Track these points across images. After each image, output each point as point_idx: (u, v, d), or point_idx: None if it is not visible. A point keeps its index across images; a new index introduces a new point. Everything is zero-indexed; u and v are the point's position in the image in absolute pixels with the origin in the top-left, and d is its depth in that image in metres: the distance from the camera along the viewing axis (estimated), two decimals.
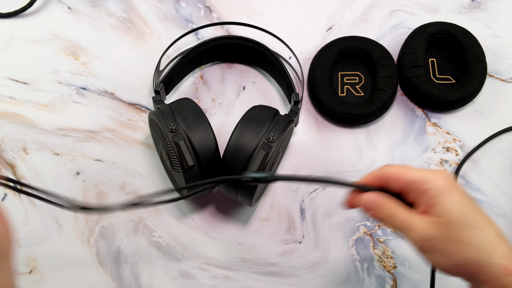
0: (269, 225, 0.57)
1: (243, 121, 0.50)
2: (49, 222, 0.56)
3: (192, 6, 0.67)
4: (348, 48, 0.62)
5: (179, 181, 0.52)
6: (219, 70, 0.64)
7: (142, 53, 0.64)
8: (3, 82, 0.62)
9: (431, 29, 0.62)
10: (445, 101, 0.59)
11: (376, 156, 0.60)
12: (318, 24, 0.66)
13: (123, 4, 0.67)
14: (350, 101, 0.61)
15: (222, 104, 0.62)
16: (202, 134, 0.49)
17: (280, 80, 0.61)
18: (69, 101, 0.61)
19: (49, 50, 0.64)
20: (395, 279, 0.55)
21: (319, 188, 0.58)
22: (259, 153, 0.48)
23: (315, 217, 0.57)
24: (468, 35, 0.62)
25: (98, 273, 0.54)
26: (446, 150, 0.60)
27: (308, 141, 0.60)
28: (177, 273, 0.55)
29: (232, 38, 0.61)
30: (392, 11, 0.67)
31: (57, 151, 0.59)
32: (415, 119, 0.61)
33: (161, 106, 0.52)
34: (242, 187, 0.49)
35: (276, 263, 0.55)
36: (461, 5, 0.67)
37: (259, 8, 0.67)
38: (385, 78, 0.60)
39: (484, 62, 0.61)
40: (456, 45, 0.62)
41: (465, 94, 0.59)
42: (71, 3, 0.66)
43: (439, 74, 0.63)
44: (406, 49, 0.62)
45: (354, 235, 0.56)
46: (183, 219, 0.57)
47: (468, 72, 0.60)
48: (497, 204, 0.57)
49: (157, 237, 0.56)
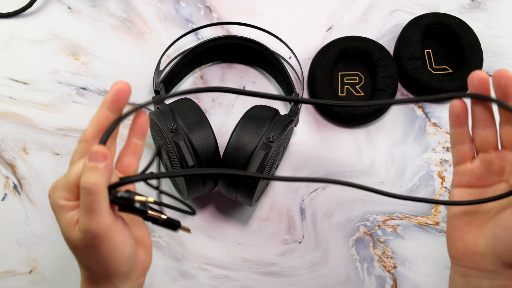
0: (269, 225, 0.57)
1: (243, 121, 0.50)
2: (49, 222, 0.56)
3: (192, 6, 0.67)
4: (348, 48, 0.62)
5: (179, 181, 0.52)
6: (219, 70, 0.64)
7: (142, 53, 0.64)
8: (3, 82, 0.62)
9: (425, 20, 0.63)
10: (444, 91, 0.60)
11: (376, 156, 0.60)
12: (318, 24, 0.66)
13: (123, 4, 0.67)
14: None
15: (222, 104, 0.62)
16: (202, 134, 0.49)
17: (280, 80, 0.61)
18: (69, 101, 0.61)
19: (49, 50, 0.64)
20: (395, 279, 0.55)
21: (319, 188, 0.58)
22: (259, 153, 0.48)
23: (315, 217, 0.57)
24: (462, 24, 0.62)
25: None
26: (446, 150, 0.60)
27: (308, 141, 0.60)
28: (177, 273, 0.55)
29: (232, 38, 0.61)
30: (392, 11, 0.67)
31: (57, 151, 0.59)
32: (415, 119, 0.61)
33: (161, 106, 0.52)
34: (242, 187, 0.49)
35: (276, 263, 0.55)
36: (461, 5, 0.67)
37: (259, 8, 0.67)
38: (385, 78, 0.60)
39: (480, 50, 0.61)
40: (451, 35, 0.62)
41: (464, 83, 0.60)
42: (71, 3, 0.66)
43: (436, 65, 0.63)
44: (402, 42, 0.62)
45: (354, 235, 0.56)
46: (183, 219, 0.57)
47: (465, 61, 0.61)
48: None
49: (157, 237, 0.56)
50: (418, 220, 0.57)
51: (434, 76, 0.60)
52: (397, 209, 0.57)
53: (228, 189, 0.51)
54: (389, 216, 0.57)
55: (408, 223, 0.57)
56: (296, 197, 0.58)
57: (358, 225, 0.57)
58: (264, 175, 0.35)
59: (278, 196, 0.58)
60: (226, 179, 0.50)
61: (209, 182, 0.51)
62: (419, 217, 0.57)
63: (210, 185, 0.52)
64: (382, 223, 0.57)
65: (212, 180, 0.51)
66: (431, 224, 0.57)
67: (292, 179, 0.36)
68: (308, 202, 0.58)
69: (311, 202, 0.58)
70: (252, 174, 0.45)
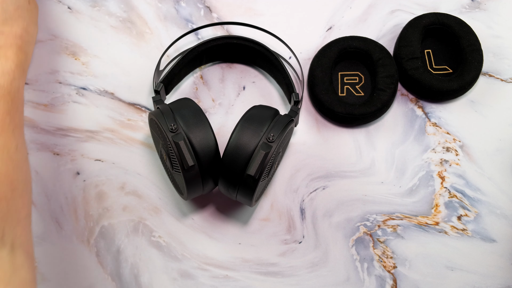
0: (269, 225, 0.57)
1: (243, 121, 0.50)
2: (49, 222, 0.56)
3: (192, 6, 0.67)
4: (348, 48, 0.62)
5: (179, 181, 0.52)
6: (219, 70, 0.64)
7: (142, 53, 0.64)
8: None
9: (425, 20, 0.63)
10: (444, 91, 0.60)
11: (376, 156, 0.60)
12: (318, 24, 0.66)
13: (123, 4, 0.67)
14: (350, 101, 0.61)
15: (222, 104, 0.62)
16: (202, 134, 0.49)
17: (280, 80, 0.61)
18: (69, 101, 0.61)
19: (49, 50, 0.64)
20: (395, 279, 0.55)
21: (319, 188, 0.58)
22: (259, 153, 0.48)
23: (315, 217, 0.57)
24: (462, 24, 0.62)
25: (98, 273, 0.54)
26: (446, 150, 0.60)
27: (308, 141, 0.60)
28: (177, 273, 0.55)
29: (232, 38, 0.61)
30: (392, 11, 0.67)
31: (57, 151, 0.59)
32: (415, 119, 0.61)
33: (161, 106, 0.52)
34: (242, 187, 0.49)
35: (276, 263, 0.55)
36: (461, 5, 0.67)
37: (259, 8, 0.67)
38: (385, 78, 0.60)
39: (480, 50, 0.61)
40: (451, 35, 0.62)
41: (464, 83, 0.60)
42: (71, 3, 0.66)
43: (436, 65, 0.63)
44: (402, 42, 0.62)
45: (354, 235, 0.56)
46: (183, 219, 0.57)
47: (465, 61, 0.61)
48: (497, 204, 0.57)
49: (157, 237, 0.56)
50: (418, 220, 0.57)
51: (434, 76, 0.60)
52: (397, 209, 0.57)
53: (228, 189, 0.51)
54: (389, 216, 0.57)
55: (408, 223, 0.57)
56: (296, 197, 0.58)
57: (358, 225, 0.57)
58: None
59: (278, 196, 0.58)
60: (226, 179, 0.50)
61: (209, 182, 0.51)
62: (419, 217, 0.57)
63: (210, 185, 0.52)
64: (382, 223, 0.57)
65: (212, 180, 0.51)
66: (431, 224, 0.57)
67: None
68: (308, 202, 0.58)
69: (311, 202, 0.58)
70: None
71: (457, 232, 0.56)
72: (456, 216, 0.57)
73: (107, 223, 0.56)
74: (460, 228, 0.57)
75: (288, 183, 0.58)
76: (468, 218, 0.57)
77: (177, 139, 0.48)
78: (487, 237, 0.56)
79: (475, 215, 0.57)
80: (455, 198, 0.58)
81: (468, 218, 0.57)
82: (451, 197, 0.58)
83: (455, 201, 0.58)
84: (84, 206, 0.56)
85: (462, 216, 0.57)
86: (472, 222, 0.57)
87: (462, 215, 0.57)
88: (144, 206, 0.57)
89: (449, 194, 0.58)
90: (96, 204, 0.57)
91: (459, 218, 0.57)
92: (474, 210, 0.57)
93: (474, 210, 0.57)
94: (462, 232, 0.56)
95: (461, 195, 0.58)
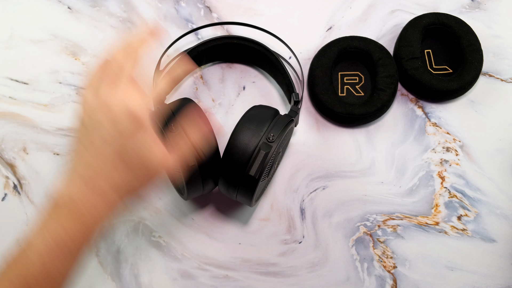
0: (269, 225, 0.57)
1: (243, 121, 0.50)
2: None
3: (192, 6, 0.67)
4: (348, 48, 0.62)
5: (179, 181, 0.52)
6: (219, 70, 0.64)
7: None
8: (3, 82, 0.62)
9: (425, 20, 0.63)
10: (444, 91, 0.60)
11: (376, 156, 0.60)
12: (318, 24, 0.66)
13: (123, 4, 0.67)
14: (350, 101, 0.61)
15: (222, 104, 0.62)
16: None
17: (280, 80, 0.61)
18: (69, 101, 0.61)
19: (49, 50, 0.64)
20: (395, 279, 0.55)
21: (319, 188, 0.58)
22: (259, 153, 0.48)
23: (315, 217, 0.57)
24: (462, 24, 0.62)
25: (98, 273, 0.54)
26: (446, 150, 0.60)
27: (308, 141, 0.60)
28: (177, 273, 0.55)
29: (232, 38, 0.61)
30: (392, 11, 0.67)
31: (57, 151, 0.59)
32: (415, 119, 0.61)
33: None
34: (242, 187, 0.49)
35: (276, 263, 0.55)
36: (461, 5, 0.67)
37: (259, 8, 0.67)
38: (385, 78, 0.60)
39: (480, 50, 0.61)
40: (451, 35, 0.62)
41: (464, 83, 0.60)
42: (71, 3, 0.66)
43: (435, 65, 0.63)
44: (402, 42, 0.62)
45: (354, 235, 0.56)
46: (183, 219, 0.57)
47: (465, 61, 0.61)
48: (497, 204, 0.57)
49: (157, 237, 0.56)
50: (418, 220, 0.57)
51: (434, 76, 0.60)
52: (397, 209, 0.57)
53: (228, 189, 0.51)
54: (389, 216, 0.57)
55: (408, 223, 0.57)
56: (296, 197, 0.58)
57: (358, 225, 0.57)
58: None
59: (278, 196, 0.58)
60: (226, 179, 0.50)
61: (209, 182, 0.51)
62: (419, 217, 0.57)
63: (210, 185, 0.52)
64: (382, 223, 0.57)
65: (212, 180, 0.51)
66: (431, 224, 0.57)
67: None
68: (308, 202, 0.58)
69: (311, 202, 0.58)
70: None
71: (457, 232, 0.56)
72: (456, 216, 0.57)
73: (107, 223, 0.56)
74: (460, 228, 0.57)
75: (288, 183, 0.58)
76: (468, 218, 0.57)
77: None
78: (487, 237, 0.56)
79: (475, 215, 0.57)
80: (455, 198, 0.58)
81: (468, 218, 0.57)
82: (451, 197, 0.58)
83: (455, 201, 0.58)
84: None
85: (462, 216, 0.57)
86: (472, 222, 0.57)
87: (462, 215, 0.57)
88: (144, 206, 0.57)
89: (449, 194, 0.58)
90: None
91: (459, 218, 0.57)
92: (474, 210, 0.57)
93: (474, 210, 0.57)
94: (462, 232, 0.56)
95: (461, 195, 0.58)
